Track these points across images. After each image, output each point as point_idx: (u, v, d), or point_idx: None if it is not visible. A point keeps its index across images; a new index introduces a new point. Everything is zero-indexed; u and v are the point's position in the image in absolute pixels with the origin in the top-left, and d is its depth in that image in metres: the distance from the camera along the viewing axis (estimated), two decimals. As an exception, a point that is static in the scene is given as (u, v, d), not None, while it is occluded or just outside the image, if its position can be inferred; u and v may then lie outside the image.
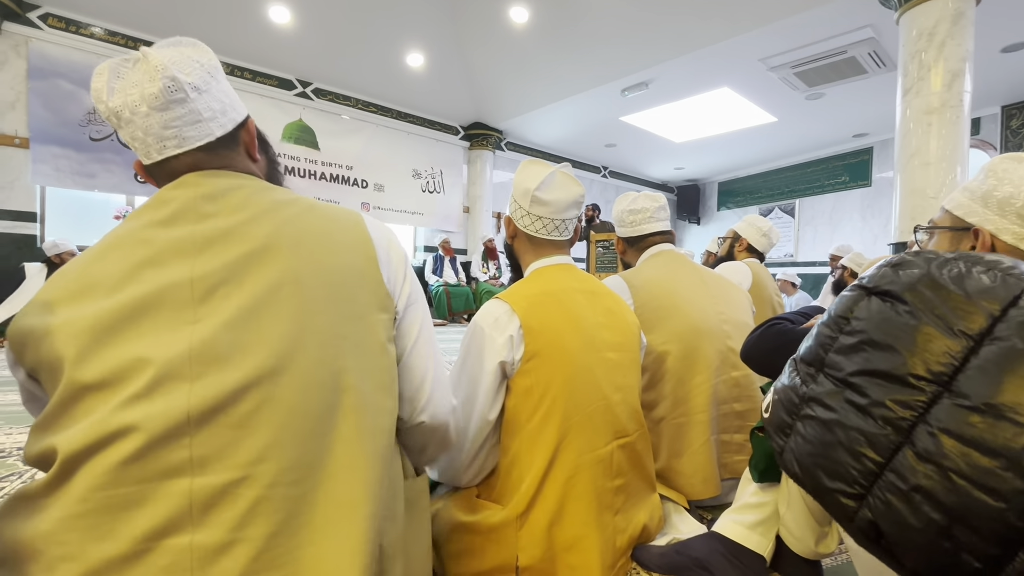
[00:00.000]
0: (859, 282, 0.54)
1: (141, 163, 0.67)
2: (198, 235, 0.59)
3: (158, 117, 0.61)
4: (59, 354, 0.51)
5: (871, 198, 7.42)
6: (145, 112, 0.61)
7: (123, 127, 0.62)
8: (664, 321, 1.30)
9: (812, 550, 0.91)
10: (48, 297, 0.54)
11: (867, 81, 5.15)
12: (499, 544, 0.87)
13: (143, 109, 0.61)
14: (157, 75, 0.60)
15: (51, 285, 0.56)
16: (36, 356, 0.53)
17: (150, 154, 0.64)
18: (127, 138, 0.64)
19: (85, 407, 0.50)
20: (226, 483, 0.51)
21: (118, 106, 0.61)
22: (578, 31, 4.92)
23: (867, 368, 0.48)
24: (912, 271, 0.50)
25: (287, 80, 5.77)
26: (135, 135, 0.63)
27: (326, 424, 0.58)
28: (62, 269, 0.58)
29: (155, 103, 0.60)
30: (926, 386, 0.45)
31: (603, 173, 9.12)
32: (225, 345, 0.54)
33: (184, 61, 0.63)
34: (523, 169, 1.06)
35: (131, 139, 0.64)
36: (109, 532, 0.47)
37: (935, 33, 3.17)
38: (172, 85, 0.61)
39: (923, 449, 0.43)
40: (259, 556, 0.51)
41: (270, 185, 0.69)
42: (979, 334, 0.45)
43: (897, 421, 0.45)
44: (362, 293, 0.65)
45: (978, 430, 0.42)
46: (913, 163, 3.28)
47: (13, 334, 0.54)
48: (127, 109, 0.61)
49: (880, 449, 0.45)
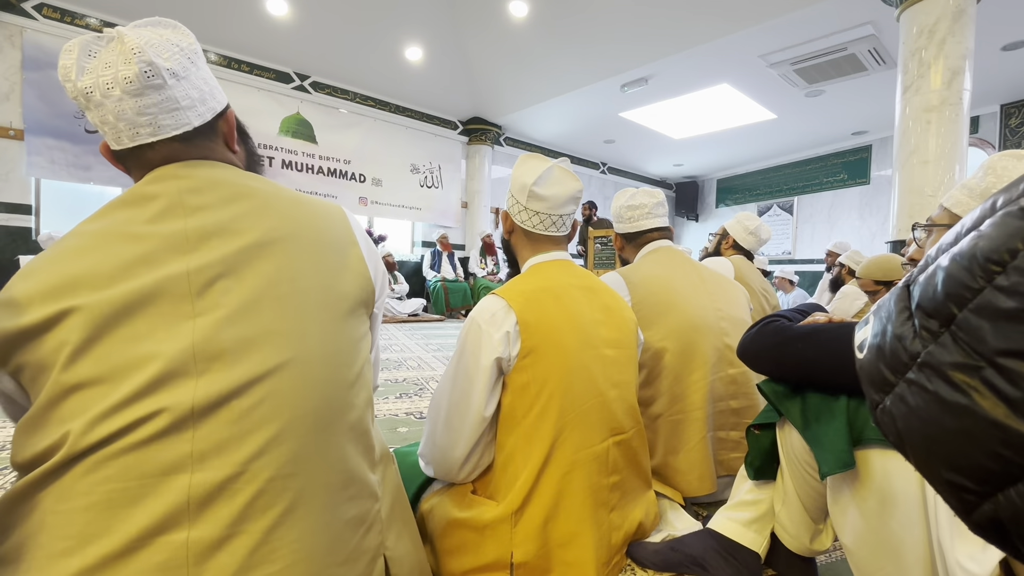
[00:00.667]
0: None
1: (108, 146, 0.64)
2: (190, 229, 0.58)
3: (131, 103, 0.58)
4: (48, 352, 0.50)
5: (869, 196, 7.43)
6: (118, 96, 0.57)
7: (92, 109, 0.59)
8: (662, 317, 1.30)
9: (807, 547, 0.91)
10: (24, 295, 0.51)
11: (867, 78, 5.14)
12: (494, 540, 0.87)
13: (116, 93, 0.57)
14: (133, 58, 0.57)
15: (26, 282, 0.52)
16: (19, 357, 0.51)
17: (120, 139, 0.61)
18: (95, 120, 0.61)
19: (80, 403, 0.49)
20: (224, 479, 0.51)
21: (88, 86, 0.57)
22: (577, 26, 4.90)
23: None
24: None
25: (284, 73, 5.73)
26: (105, 119, 0.59)
27: (322, 418, 0.58)
28: (31, 266, 0.54)
29: (129, 87, 0.57)
30: None
31: (602, 169, 9.11)
32: (229, 341, 0.54)
33: (162, 44, 0.59)
34: (521, 164, 1.05)
35: (100, 122, 0.60)
36: (107, 528, 0.47)
37: (935, 30, 3.16)
38: (149, 70, 0.57)
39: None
40: (256, 549, 0.51)
41: (254, 175, 0.68)
42: None
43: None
44: (352, 288, 0.66)
45: None
46: (912, 161, 3.28)
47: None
48: (98, 91, 0.57)
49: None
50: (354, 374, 0.63)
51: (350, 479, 0.61)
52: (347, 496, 0.60)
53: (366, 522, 0.63)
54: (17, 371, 0.51)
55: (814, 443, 0.75)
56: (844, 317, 0.85)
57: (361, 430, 0.64)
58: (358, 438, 0.63)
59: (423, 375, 2.90)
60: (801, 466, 0.84)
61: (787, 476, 0.89)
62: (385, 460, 0.73)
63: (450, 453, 0.94)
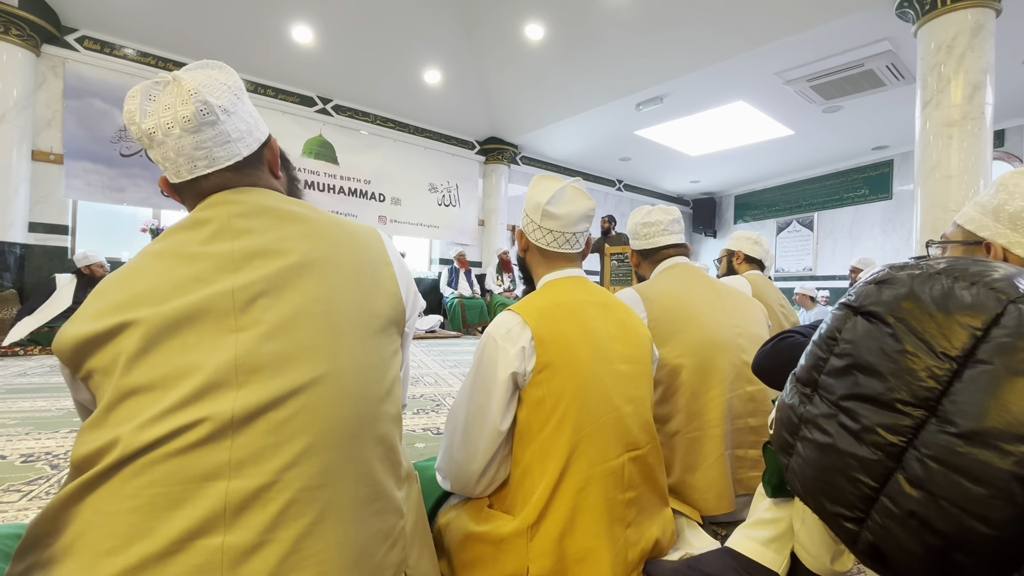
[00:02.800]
0: (846, 299, 0.53)
1: (167, 181, 0.70)
2: (237, 250, 0.62)
3: (190, 139, 0.64)
4: (111, 359, 0.54)
5: (892, 211, 7.30)
6: (178, 134, 0.64)
7: (155, 148, 0.65)
8: (678, 334, 1.30)
9: (828, 568, 0.89)
10: (98, 307, 0.57)
11: (886, 93, 5.11)
12: (510, 554, 0.88)
13: (176, 131, 0.63)
14: (190, 98, 0.63)
15: (99, 296, 0.58)
16: (89, 363, 0.55)
17: (180, 173, 0.67)
18: (158, 158, 0.67)
19: (133, 408, 0.53)
20: (258, 487, 0.53)
21: (151, 127, 0.64)
22: (593, 47, 4.99)
23: (856, 392, 0.47)
24: (896, 290, 0.49)
25: (308, 97, 5.94)
26: (167, 155, 0.66)
27: (352, 432, 0.60)
28: (106, 282, 0.60)
29: (188, 126, 0.63)
30: (912, 411, 0.45)
31: (618, 186, 9.14)
32: (268, 355, 0.57)
33: (213, 84, 0.66)
34: (535, 184, 1.08)
35: (162, 159, 0.67)
36: (150, 530, 0.49)
37: (954, 46, 3.14)
38: (204, 108, 0.64)
39: (913, 475, 0.43)
40: (287, 557, 0.53)
41: (295, 200, 0.72)
42: (962, 356, 0.44)
43: (887, 447, 0.45)
44: (385, 307, 0.69)
45: (965, 459, 0.41)
46: (934, 176, 3.24)
47: (66, 342, 0.56)
48: (160, 131, 0.63)
49: (874, 474, 0.45)
50: (384, 390, 0.66)
51: (377, 494, 0.63)
52: (374, 510, 0.62)
53: (391, 537, 0.65)
54: (88, 377, 0.56)
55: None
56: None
57: (389, 445, 0.66)
58: (386, 454, 0.65)
59: (440, 391, 2.92)
60: (819, 483, 0.83)
61: (805, 494, 0.88)
62: (410, 479, 0.74)
63: (467, 467, 0.95)
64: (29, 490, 1.40)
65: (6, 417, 2.11)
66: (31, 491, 1.39)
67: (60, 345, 0.56)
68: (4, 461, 1.61)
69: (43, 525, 0.53)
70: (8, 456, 1.66)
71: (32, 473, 1.52)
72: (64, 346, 0.56)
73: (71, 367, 0.57)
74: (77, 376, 0.58)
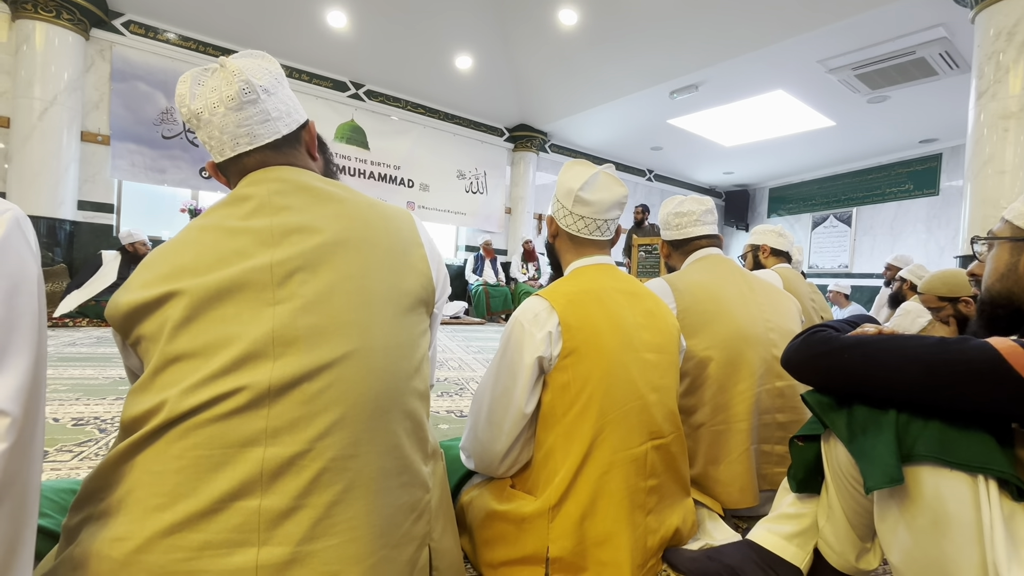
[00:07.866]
0: None
1: (214, 164, 0.74)
2: (276, 226, 0.65)
3: (233, 116, 0.68)
4: (157, 327, 0.58)
5: (938, 208, 6.97)
6: (223, 113, 0.68)
7: (202, 127, 0.70)
8: (707, 326, 1.28)
9: (852, 566, 0.88)
10: (147, 277, 0.60)
11: (937, 83, 4.85)
12: (531, 534, 0.89)
13: (220, 110, 0.68)
14: (234, 79, 0.68)
15: (148, 267, 0.62)
16: (138, 329, 0.59)
17: (224, 151, 0.71)
18: (204, 138, 0.71)
19: (178, 373, 0.56)
20: (293, 455, 0.56)
21: (199, 108, 0.68)
22: (627, 33, 4.88)
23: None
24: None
25: (341, 82, 6.01)
26: (212, 134, 0.70)
27: (381, 406, 0.63)
28: (155, 253, 0.64)
29: (231, 104, 0.68)
30: None
31: (648, 176, 8.98)
32: (303, 329, 0.59)
33: (255, 68, 0.70)
34: (567, 169, 1.08)
35: (208, 138, 0.71)
36: (194, 489, 0.53)
37: (1015, 32, 2.95)
38: (246, 87, 0.68)
39: None
40: (319, 522, 0.56)
41: (332, 181, 0.75)
42: None
43: None
44: (415, 287, 0.71)
45: None
46: (986, 171, 3.07)
47: (118, 309, 0.60)
48: (207, 111, 0.68)
49: None
50: (412, 367, 0.68)
51: (404, 467, 0.65)
52: (401, 483, 0.65)
53: (417, 509, 0.68)
54: (137, 343, 0.60)
55: (860, 456, 0.73)
56: (900, 331, 0.83)
57: (416, 421, 0.68)
58: (413, 429, 0.67)
59: (463, 375, 2.96)
60: (846, 480, 0.82)
61: (832, 490, 0.87)
62: (436, 456, 0.77)
63: (491, 447, 0.97)
64: (80, 451, 1.49)
65: (58, 383, 2.24)
66: (82, 451, 1.49)
67: (112, 312, 0.60)
68: (57, 424, 1.72)
69: (97, 480, 0.57)
70: (60, 419, 1.76)
71: (83, 436, 1.62)
72: (116, 313, 0.60)
73: (122, 333, 0.61)
74: (127, 342, 0.62)
